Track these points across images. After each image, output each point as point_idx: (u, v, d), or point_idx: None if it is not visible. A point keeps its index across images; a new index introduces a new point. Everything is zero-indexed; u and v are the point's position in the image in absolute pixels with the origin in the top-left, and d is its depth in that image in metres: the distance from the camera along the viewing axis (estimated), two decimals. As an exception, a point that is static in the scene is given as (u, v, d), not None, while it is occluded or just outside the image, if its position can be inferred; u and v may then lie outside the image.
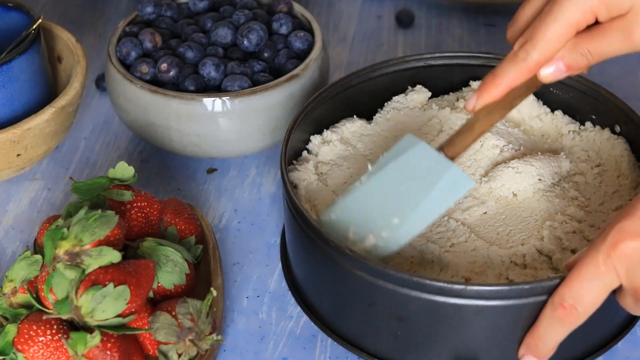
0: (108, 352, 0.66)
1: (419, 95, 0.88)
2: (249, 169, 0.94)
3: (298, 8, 0.98)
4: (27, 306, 0.71)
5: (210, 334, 0.69)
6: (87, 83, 1.02)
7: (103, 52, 1.08)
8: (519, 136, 0.84)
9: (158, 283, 0.71)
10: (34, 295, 0.69)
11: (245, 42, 0.91)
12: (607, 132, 0.84)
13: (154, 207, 0.76)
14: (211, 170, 0.94)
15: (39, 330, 0.66)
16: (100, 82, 1.04)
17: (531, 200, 0.79)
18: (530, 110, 0.87)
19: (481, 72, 0.88)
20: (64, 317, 0.66)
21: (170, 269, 0.72)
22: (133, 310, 0.66)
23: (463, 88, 0.90)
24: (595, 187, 0.80)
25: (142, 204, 0.75)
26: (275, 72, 0.92)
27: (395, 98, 0.88)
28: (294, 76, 0.89)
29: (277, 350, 0.77)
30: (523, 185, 0.79)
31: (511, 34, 0.74)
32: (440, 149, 0.73)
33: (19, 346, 0.66)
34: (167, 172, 0.94)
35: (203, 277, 0.77)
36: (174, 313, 0.68)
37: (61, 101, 0.87)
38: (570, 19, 0.67)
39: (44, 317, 0.67)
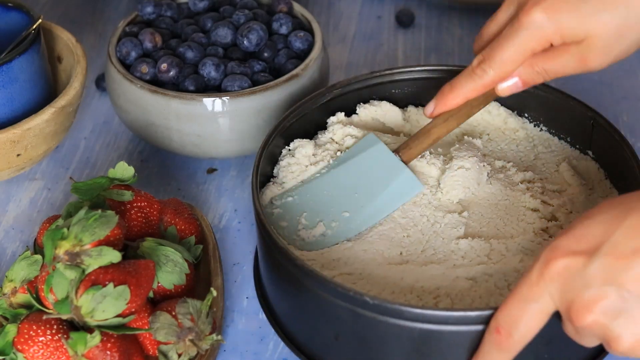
0: (108, 352, 0.66)
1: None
2: (249, 169, 0.94)
3: (298, 8, 0.98)
4: (27, 306, 0.71)
5: (210, 334, 0.69)
6: (87, 83, 1.02)
7: (103, 52, 1.08)
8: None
9: (158, 283, 0.71)
10: (34, 295, 0.69)
11: (245, 42, 0.91)
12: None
13: (154, 207, 0.76)
14: (211, 170, 0.94)
15: (39, 330, 0.66)
16: (100, 82, 1.04)
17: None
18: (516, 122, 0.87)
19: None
20: (64, 317, 0.66)
21: (170, 269, 0.72)
22: (133, 310, 0.66)
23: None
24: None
25: (142, 204, 0.75)
26: (275, 72, 0.92)
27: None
28: (294, 76, 0.89)
29: (277, 350, 0.77)
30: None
31: (477, 47, 0.79)
32: (397, 151, 0.78)
33: (19, 346, 0.66)
34: (167, 172, 0.94)
35: (203, 277, 0.77)
36: (174, 313, 0.68)
37: (61, 101, 0.87)
38: (526, 45, 0.72)
39: (44, 317, 0.67)
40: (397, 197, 0.77)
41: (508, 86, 0.75)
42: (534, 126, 0.86)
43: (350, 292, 0.67)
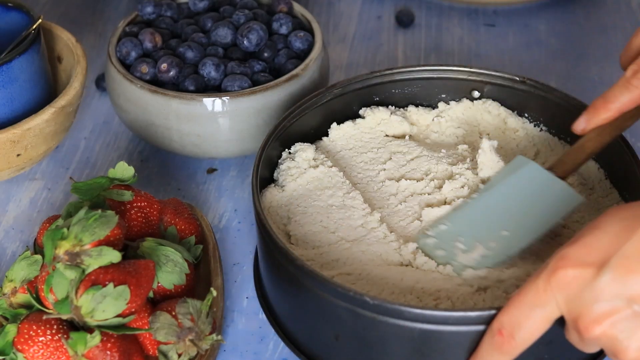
0: (108, 352, 0.66)
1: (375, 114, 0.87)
2: (249, 169, 0.94)
3: (298, 8, 0.98)
4: (27, 306, 0.71)
5: (210, 334, 0.69)
6: (87, 83, 1.02)
7: (103, 52, 1.08)
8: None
9: (158, 283, 0.71)
10: (34, 295, 0.69)
11: (245, 42, 0.91)
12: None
13: (153, 207, 0.76)
14: (211, 170, 0.94)
15: (39, 330, 0.66)
16: (100, 82, 1.04)
17: None
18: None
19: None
20: (64, 317, 0.66)
21: (170, 269, 0.72)
22: (133, 310, 0.66)
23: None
24: None
25: (142, 204, 0.75)
26: (275, 72, 0.92)
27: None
28: (294, 76, 0.89)
29: (277, 350, 0.77)
30: None
31: (624, 59, 0.76)
32: (550, 168, 0.76)
33: (19, 346, 0.66)
34: (167, 172, 0.94)
35: (203, 277, 0.77)
36: (174, 313, 0.68)
37: (61, 101, 0.87)
38: None
39: (44, 317, 0.67)
40: (555, 210, 0.75)
41: None
42: (534, 126, 0.86)
43: (350, 292, 0.67)
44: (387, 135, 0.86)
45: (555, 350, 0.68)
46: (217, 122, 0.88)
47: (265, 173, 0.82)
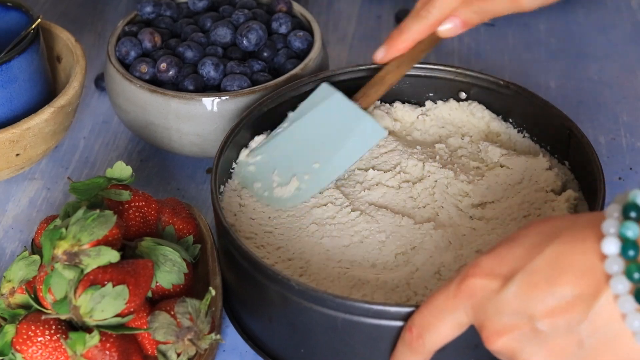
0: (107, 352, 0.66)
1: None
2: (249, 168, 0.94)
3: (297, 8, 0.98)
4: (26, 306, 0.71)
5: (209, 333, 0.69)
6: (86, 83, 1.02)
7: (102, 52, 1.08)
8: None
9: (157, 282, 0.71)
10: (33, 295, 0.69)
11: (244, 41, 0.91)
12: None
13: (151, 207, 0.76)
14: (210, 170, 0.94)
15: (38, 331, 0.66)
16: (100, 82, 1.04)
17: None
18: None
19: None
20: (63, 317, 0.66)
21: (169, 269, 0.71)
22: (132, 309, 0.66)
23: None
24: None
25: (140, 203, 0.75)
26: (274, 72, 0.92)
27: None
28: (294, 76, 0.89)
29: (276, 350, 0.77)
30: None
31: None
32: (355, 99, 0.80)
33: (17, 346, 0.66)
34: (167, 172, 0.94)
35: (201, 276, 0.76)
36: (172, 312, 0.68)
37: (60, 101, 0.87)
38: None
39: (43, 318, 0.67)
40: (361, 143, 0.79)
41: (448, 28, 0.80)
42: (518, 132, 0.86)
43: (279, 276, 0.68)
44: None
45: (482, 355, 0.67)
46: (217, 122, 0.87)
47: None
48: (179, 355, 0.68)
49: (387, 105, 0.88)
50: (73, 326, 0.67)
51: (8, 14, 0.92)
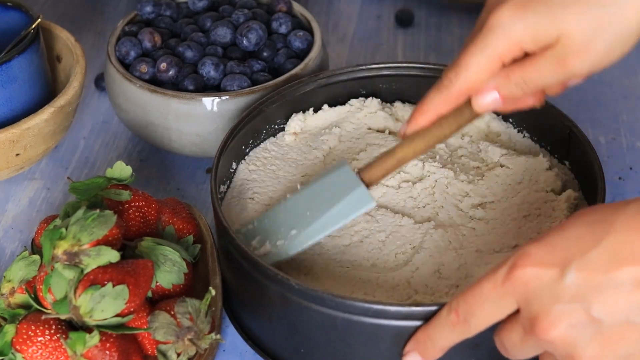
0: (107, 352, 0.66)
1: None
2: (249, 168, 0.94)
3: (297, 7, 0.98)
4: (26, 306, 0.71)
5: (209, 333, 0.69)
6: (86, 82, 1.02)
7: (102, 52, 1.08)
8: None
9: (157, 282, 0.71)
10: (33, 295, 0.69)
11: (244, 41, 0.91)
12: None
13: (151, 207, 0.76)
14: (210, 170, 0.94)
15: (38, 331, 0.66)
16: (100, 82, 1.04)
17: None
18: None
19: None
20: (63, 317, 0.66)
21: (169, 269, 0.71)
22: (132, 309, 0.66)
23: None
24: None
25: (140, 203, 0.75)
26: (274, 72, 0.92)
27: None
28: (294, 75, 0.89)
29: (276, 350, 0.77)
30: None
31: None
32: (359, 172, 0.75)
33: (17, 346, 0.66)
34: (167, 171, 0.94)
35: (201, 276, 0.76)
36: (172, 312, 0.68)
37: (60, 101, 0.87)
38: (494, 48, 0.65)
39: (43, 317, 0.67)
40: (345, 212, 0.75)
41: (486, 102, 0.68)
42: (518, 132, 0.86)
43: (279, 276, 0.68)
44: (369, 129, 0.86)
45: (483, 355, 0.68)
46: (217, 122, 0.87)
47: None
48: (179, 355, 0.68)
49: (388, 104, 0.89)
50: (73, 326, 0.67)
51: (8, 14, 0.92)
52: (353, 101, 0.88)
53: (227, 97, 0.87)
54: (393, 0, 1.18)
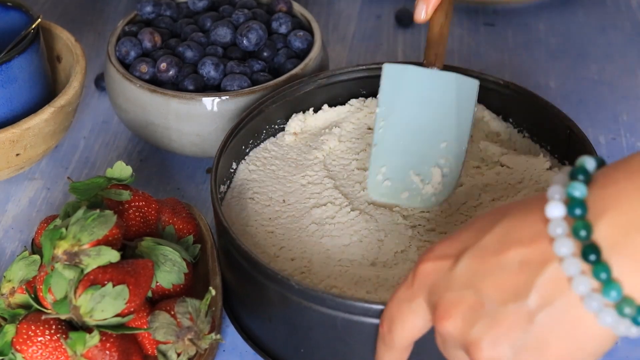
0: (107, 352, 0.66)
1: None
2: (249, 168, 0.94)
3: (297, 7, 0.98)
4: (26, 306, 0.71)
5: (209, 333, 0.69)
6: (86, 82, 1.02)
7: (102, 52, 1.08)
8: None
9: (157, 282, 0.71)
10: (33, 295, 0.69)
11: (244, 41, 0.91)
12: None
13: (151, 207, 0.76)
14: (210, 170, 0.94)
15: (38, 331, 0.66)
16: (100, 82, 1.04)
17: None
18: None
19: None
20: (63, 317, 0.66)
21: (169, 269, 0.71)
22: (132, 309, 0.66)
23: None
24: None
25: (140, 203, 0.75)
26: (274, 72, 0.92)
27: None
28: (294, 75, 0.89)
29: (276, 350, 0.77)
30: None
31: None
32: (428, 64, 0.76)
33: (17, 346, 0.66)
34: (167, 171, 0.94)
35: (201, 276, 0.76)
36: (172, 312, 0.68)
37: (60, 101, 0.87)
38: None
39: (43, 317, 0.67)
40: (466, 103, 0.74)
41: None
42: (518, 132, 0.86)
43: (279, 276, 0.68)
44: (369, 128, 0.87)
45: None
46: (217, 122, 0.87)
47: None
48: (179, 355, 0.68)
49: None
50: (73, 326, 0.67)
51: (8, 14, 0.92)
52: (353, 101, 0.88)
53: (227, 97, 0.87)
54: (393, 0, 1.18)
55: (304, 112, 0.87)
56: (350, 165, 0.83)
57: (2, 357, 0.67)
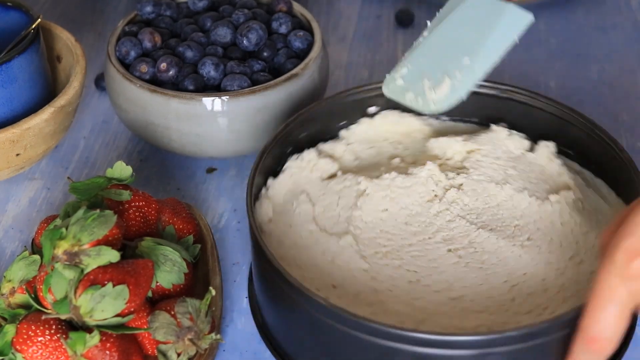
0: (107, 352, 0.66)
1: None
2: (249, 168, 0.93)
3: (297, 7, 0.98)
4: (26, 306, 0.71)
5: (209, 333, 0.69)
6: (86, 82, 1.02)
7: (102, 52, 1.08)
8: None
9: (157, 282, 0.71)
10: (33, 295, 0.69)
11: (244, 41, 0.91)
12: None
13: (151, 207, 0.76)
14: (211, 170, 0.94)
15: (38, 331, 0.66)
16: (100, 82, 1.04)
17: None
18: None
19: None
20: (63, 317, 0.66)
21: (169, 269, 0.71)
22: (132, 309, 0.66)
23: None
24: None
25: (140, 203, 0.75)
26: (274, 72, 0.92)
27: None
28: (294, 76, 0.89)
29: (277, 350, 0.77)
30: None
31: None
32: None
33: (17, 346, 0.66)
34: (167, 171, 0.94)
35: (201, 276, 0.77)
36: (172, 312, 0.68)
37: (60, 101, 0.87)
38: None
39: (43, 317, 0.67)
40: (507, 31, 0.74)
41: None
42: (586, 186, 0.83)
43: (326, 305, 0.66)
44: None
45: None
46: (217, 122, 0.87)
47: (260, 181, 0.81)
48: (179, 355, 0.68)
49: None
50: (73, 326, 0.67)
51: (8, 14, 0.92)
52: (371, 110, 0.88)
53: (227, 97, 0.87)
54: (393, 0, 1.18)
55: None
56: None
57: (2, 357, 0.67)
